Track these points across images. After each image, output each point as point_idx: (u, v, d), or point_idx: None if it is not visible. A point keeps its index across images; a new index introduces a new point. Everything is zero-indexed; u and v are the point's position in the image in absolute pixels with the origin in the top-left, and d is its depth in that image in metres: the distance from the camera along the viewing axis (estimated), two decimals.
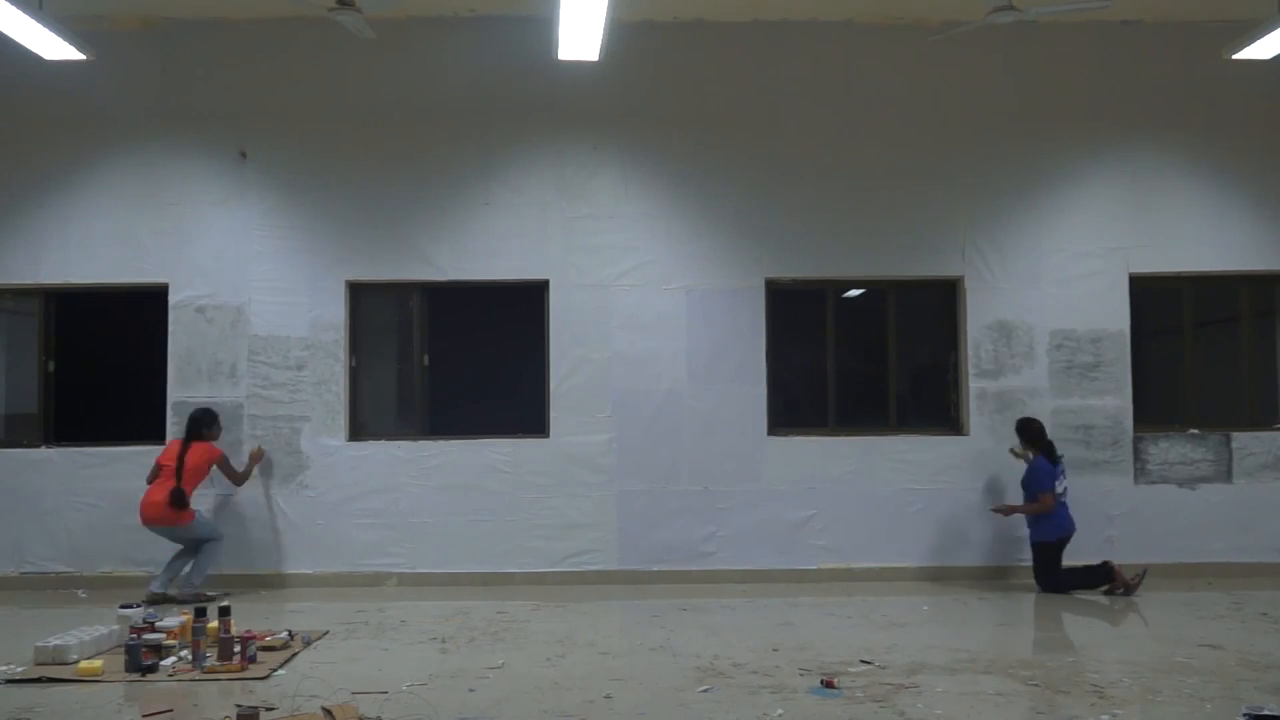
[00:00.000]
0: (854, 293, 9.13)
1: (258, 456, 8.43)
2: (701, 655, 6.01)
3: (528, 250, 8.73)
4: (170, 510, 7.84)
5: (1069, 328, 8.77)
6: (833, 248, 8.77)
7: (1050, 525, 8.02)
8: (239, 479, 8.28)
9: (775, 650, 6.14)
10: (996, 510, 8.27)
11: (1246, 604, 7.48)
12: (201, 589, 7.87)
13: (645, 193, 8.79)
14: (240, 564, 8.45)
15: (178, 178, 8.72)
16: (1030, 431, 8.24)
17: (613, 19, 6.71)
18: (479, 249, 8.72)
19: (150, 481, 8.03)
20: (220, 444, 8.30)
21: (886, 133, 8.84)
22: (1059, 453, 8.20)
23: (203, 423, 8.14)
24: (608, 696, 5.20)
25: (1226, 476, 8.75)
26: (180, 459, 7.95)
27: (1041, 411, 8.64)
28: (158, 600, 7.61)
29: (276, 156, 8.73)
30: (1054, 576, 8.02)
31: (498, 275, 8.75)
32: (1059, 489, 8.05)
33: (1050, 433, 8.59)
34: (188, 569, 7.97)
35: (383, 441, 8.66)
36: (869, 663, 5.79)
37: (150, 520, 7.92)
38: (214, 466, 8.12)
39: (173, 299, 8.65)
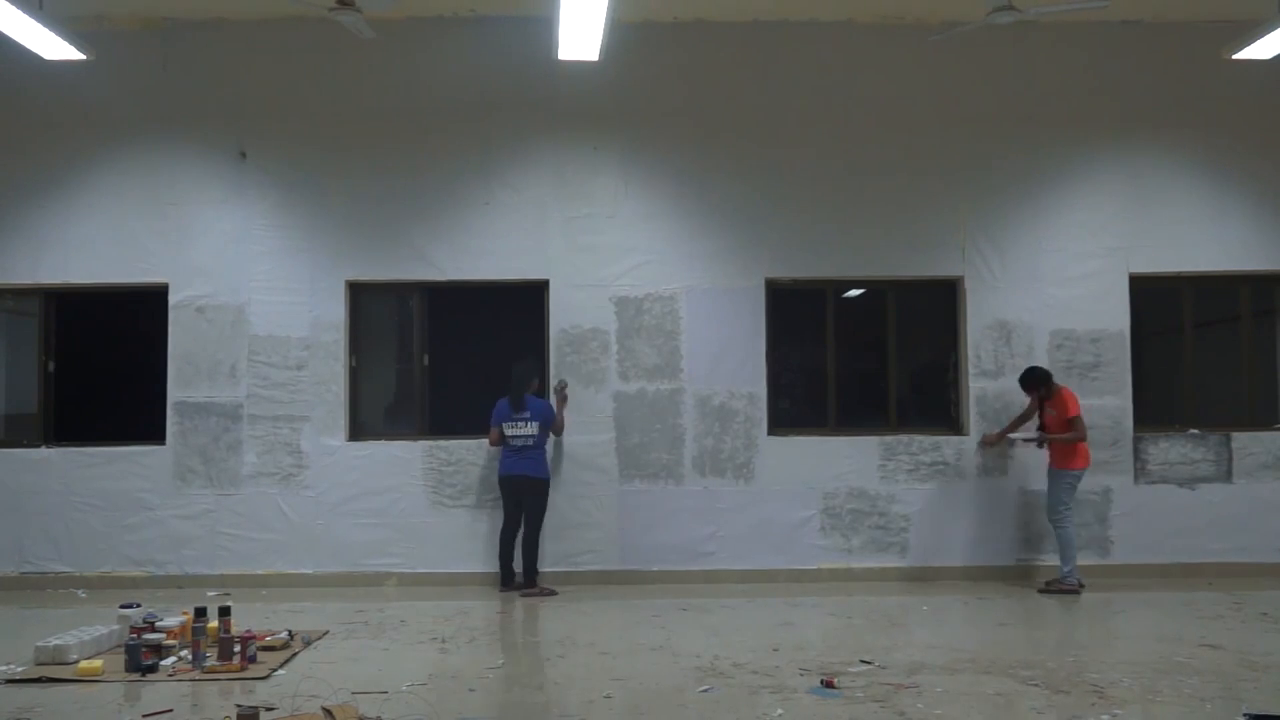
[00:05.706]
0: (854, 293, 9.13)
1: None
2: (701, 655, 6.00)
3: (527, 250, 8.72)
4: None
5: (1069, 328, 8.77)
6: (833, 248, 8.77)
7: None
8: None
9: (775, 650, 6.14)
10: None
11: (1246, 604, 7.48)
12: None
13: (645, 193, 8.79)
14: (240, 564, 8.46)
15: (178, 178, 8.71)
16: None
17: (613, 19, 6.70)
18: (479, 249, 8.72)
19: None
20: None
21: (886, 132, 8.83)
22: (523, 398, 8.26)
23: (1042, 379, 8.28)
24: (608, 696, 5.20)
25: (1226, 476, 8.74)
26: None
27: None
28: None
29: (276, 156, 8.73)
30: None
31: (498, 275, 8.75)
32: (508, 431, 8.22)
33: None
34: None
35: (383, 441, 8.66)
36: (869, 663, 5.79)
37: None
38: None
39: (173, 299, 8.64)
